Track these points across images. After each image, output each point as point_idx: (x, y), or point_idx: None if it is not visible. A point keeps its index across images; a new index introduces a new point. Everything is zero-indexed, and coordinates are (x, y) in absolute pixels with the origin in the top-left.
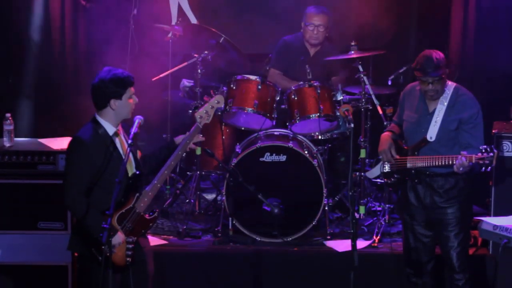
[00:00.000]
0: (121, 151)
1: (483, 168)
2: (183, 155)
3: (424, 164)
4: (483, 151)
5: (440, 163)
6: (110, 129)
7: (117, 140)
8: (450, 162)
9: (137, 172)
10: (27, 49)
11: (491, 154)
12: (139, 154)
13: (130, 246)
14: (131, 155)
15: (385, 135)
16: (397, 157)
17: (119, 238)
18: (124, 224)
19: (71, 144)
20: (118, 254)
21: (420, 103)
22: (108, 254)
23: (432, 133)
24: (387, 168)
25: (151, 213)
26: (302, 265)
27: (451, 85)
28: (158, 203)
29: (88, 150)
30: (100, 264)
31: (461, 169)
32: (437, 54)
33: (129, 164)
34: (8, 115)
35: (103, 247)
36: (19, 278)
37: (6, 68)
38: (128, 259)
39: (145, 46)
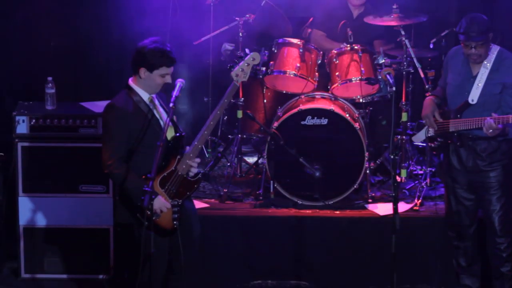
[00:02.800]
0: (157, 116)
1: None
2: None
3: (466, 127)
4: None
5: (481, 125)
6: (144, 95)
7: (151, 106)
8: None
9: (177, 135)
10: (68, 10)
11: None
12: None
13: (176, 209)
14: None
15: (428, 99)
16: (441, 120)
17: (159, 201)
18: (167, 187)
19: (106, 111)
20: (165, 217)
21: (463, 66)
22: (153, 217)
23: (474, 96)
24: (431, 132)
25: (195, 175)
26: (343, 228)
27: (495, 48)
28: (200, 167)
29: (123, 115)
30: (149, 229)
31: (490, 131)
32: (481, 18)
33: (169, 128)
34: (49, 78)
35: (147, 211)
36: (61, 241)
37: (48, 31)
38: (175, 222)
39: (186, 9)
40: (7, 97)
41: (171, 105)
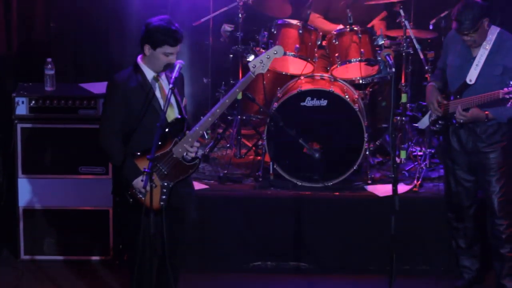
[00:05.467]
0: (159, 96)
1: (510, 102)
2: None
3: (464, 107)
4: (509, 85)
5: (478, 103)
6: (149, 74)
7: (156, 85)
8: (487, 101)
9: (179, 117)
10: None
11: None
12: (184, 101)
13: (165, 190)
14: (173, 100)
15: (430, 86)
16: (444, 102)
17: (138, 182)
18: (158, 168)
19: (107, 86)
20: (153, 198)
21: (463, 48)
22: (140, 197)
23: (472, 76)
24: (433, 116)
25: (192, 159)
26: (343, 209)
27: (495, 29)
28: (199, 148)
29: (123, 92)
30: (135, 208)
31: (460, 117)
32: (475, 4)
33: (171, 109)
34: (49, 59)
35: (134, 190)
36: (60, 223)
37: (47, 13)
38: (162, 203)
39: None
40: (7, 78)
41: (170, 86)
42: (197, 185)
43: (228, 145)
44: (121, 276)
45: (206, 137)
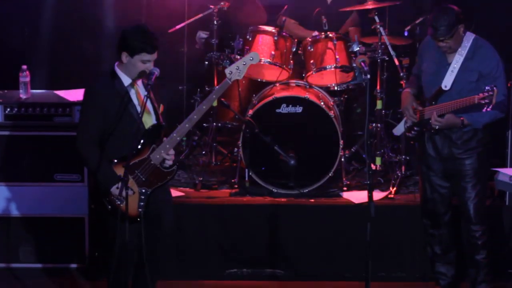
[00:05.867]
0: (136, 103)
1: (485, 107)
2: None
3: (439, 113)
4: (484, 90)
5: (453, 108)
6: (126, 80)
7: (132, 91)
8: (463, 106)
9: (155, 123)
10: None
11: (491, 92)
12: (161, 108)
13: (143, 197)
14: (150, 107)
15: (405, 92)
16: (420, 108)
17: (114, 189)
18: (136, 175)
19: (84, 93)
20: (131, 204)
21: (438, 54)
22: (118, 204)
23: (447, 82)
24: (408, 122)
25: (170, 166)
26: (319, 216)
27: (470, 36)
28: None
29: (100, 98)
30: (113, 215)
31: (435, 122)
32: (450, 11)
33: (148, 116)
34: (24, 67)
35: (112, 197)
36: (36, 231)
37: (22, 20)
38: (140, 210)
39: None
40: None
41: (145, 93)
42: (173, 192)
43: (203, 152)
44: (96, 284)
45: (182, 143)
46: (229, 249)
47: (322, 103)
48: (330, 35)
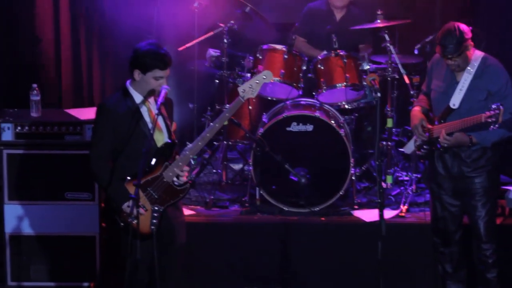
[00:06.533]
0: (148, 120)
1: (491, 126)
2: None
3: (448, 131)
4: (491, 109)
5: (461, 127)
6: (138, 98)
7: (144, 109)
8: (471, 124)
9: (168, 141)
10: (54, 17)
11: (497, 111)
12: (174, 125)
13: (156, 214)
14: (162, 124)
15: (414, 110)
16: (428, 126)
17: (127, 206)
18: (148, 192)
19: (96, 111)
20: (143, 222)
21: (447, 72)
22: (130, 221)
23: (455, 101)
24: (418, 141)
25: (183, 183)
26: (329, 235)
27: (479, 55)
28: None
29: (112, 116)
30: (125, 232)
31: (444, 141)
32: (459, 29)
33: (160, 134)
34: (34, 85)
35: (124, 214)
36: (47, 249)
37: (33, 38)
38: (152, 227)
39: (170, 15)
40: None
41: (155, 111)
42: (184, 210)
43: (214, 170)
44: None
45: (193, 162)
46: (240, 267)
47: (332, 121)
48: (340, 53)
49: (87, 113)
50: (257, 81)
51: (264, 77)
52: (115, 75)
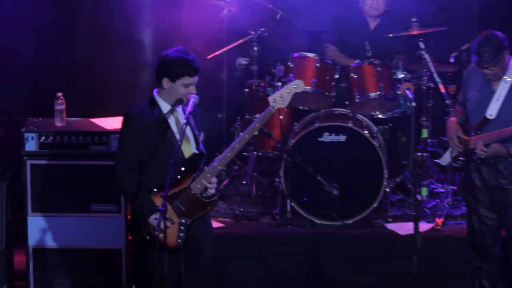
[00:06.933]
0: (175, 130)
1: None
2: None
3: (485, 142)
4: None
5: (499, 138)
6: (165, 107)
7: (171, 119)
8: (509, 135)
9: (196, 152)
10: (78, 24)
11: None
12: (202, 136)
13: (183, 227)
14: (190, 135)
15: (450, 121)
16: (464, 137)
17: (154, 219)
18: (175, 204)
19: (122, 120)
20: (170, 235)
21: (484, 81)
22: (157, 235)
23: (492, 111)
24: (454, 152)
25: (211, 196)
26: (363, 248)
27: None
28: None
29: (138, 126)
30: (152, 246)
31: (481, 152)
32: (495, 37)
33: (188, 144)
34: (59, 94)
35: (150, 227)
36: (71, 262)
37: (57, 46)
38: (179, 241)
39: (199, 23)
40: (15, 114)
41: (184, 121)
42: (213, 223)
43: (244, 182)
44: None
45: (222, 173)
46: (271, 282)
47: (366, 132)
48: (374, 61)
49: (113, 123)
50: (288, 91)
51: (296, 86)
52: (145, 84)
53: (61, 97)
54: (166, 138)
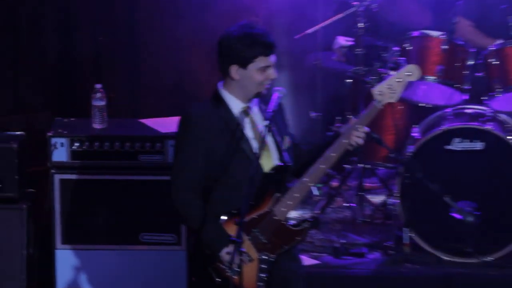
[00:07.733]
0: (250, 136)
1: None
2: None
3: None
4: None
5: None
6: (236, 105)
7: (246, 121)
8: None
9: (280, 164)
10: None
11: None
12: (287, 142)
13: (264, 266)
14: (271, 142)
15: None
16: None
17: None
18: (254, 234)
19: (179, 123)
20: (247, 275)
21: None
22: (230, 275)
23: None
24: None
25: (300, 222)
26: None
27: None
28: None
29: (202, 131)
30: None
31: None
32: None
33: (268, 154)
34: (98, 86)
35: (221, 265)
36: None
37: (95, 25)
38: (259, 283)
39: None
40: (40, 112)
41: (266, 122)
42: (305, 260)
43: (345, 204)
44: None
45: (316, 192)
46: None
47: (510, 137)
48: None
49: (170, 124)
50: (399, 80)
51: (409, 73)
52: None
53: (101, 90)
54: (239, 146)
